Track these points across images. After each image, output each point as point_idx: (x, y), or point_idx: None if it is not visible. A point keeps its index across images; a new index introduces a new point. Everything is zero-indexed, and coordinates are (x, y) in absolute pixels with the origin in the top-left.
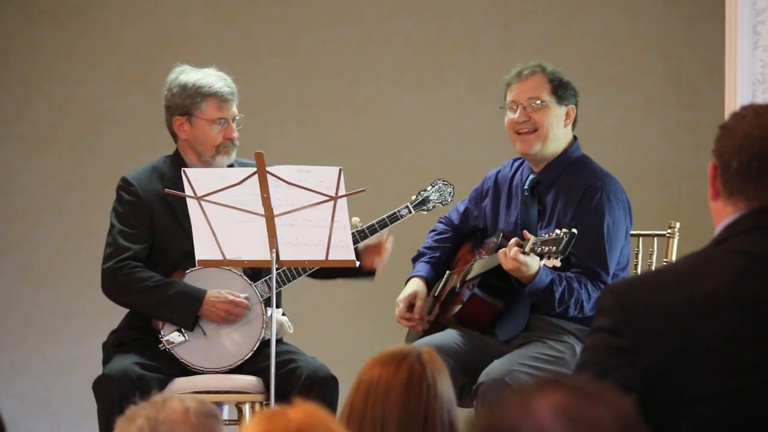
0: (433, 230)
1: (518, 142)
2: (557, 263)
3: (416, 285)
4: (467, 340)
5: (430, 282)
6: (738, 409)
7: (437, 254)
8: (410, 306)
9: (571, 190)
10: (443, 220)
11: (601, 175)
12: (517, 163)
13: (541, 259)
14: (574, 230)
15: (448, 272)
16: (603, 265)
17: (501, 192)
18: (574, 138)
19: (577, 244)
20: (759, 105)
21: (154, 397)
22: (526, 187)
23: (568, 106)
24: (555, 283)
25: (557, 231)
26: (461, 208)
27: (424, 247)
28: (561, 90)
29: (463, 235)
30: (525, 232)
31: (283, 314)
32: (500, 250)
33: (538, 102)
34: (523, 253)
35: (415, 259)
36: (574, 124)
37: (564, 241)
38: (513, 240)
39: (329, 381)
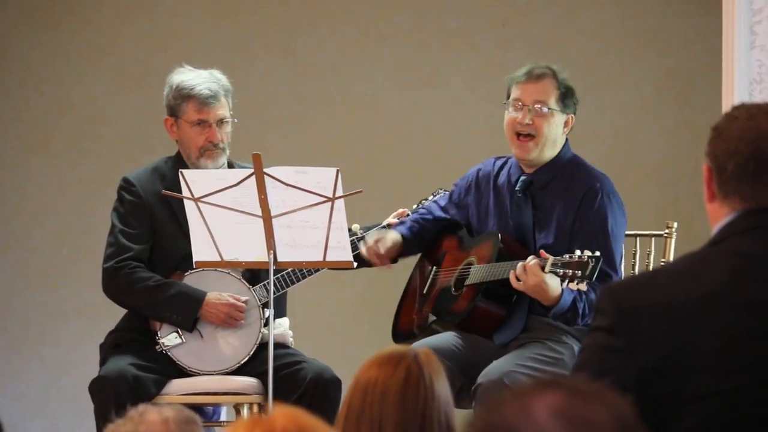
0: (414, 212)
1: (515, 146)
2: (583, 287)
3: (391, 232)
4: (464, 342)
5: (406, 237)
6: (735, 409)
7: (417, 225)
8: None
9: (568, 193)
10: (425, 207)
11: (597, 175)
12: (500, 162)
13: (562, 281)
14: (598, 253)
15: (435, 268)
16: (613, 267)
17: (485, 191)
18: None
19: (586, 250)
20: (750, 105)
21: (130, 412)
22: (517, 188)
23: (569, 115)
24: (577, 300)
25: (578, 253)
26: (442, 203)
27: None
28: (567, 98)
29: (442, 225)
30: (542, 251)
31: (290, 327)
32: (511, 272)
33: (545, 109)
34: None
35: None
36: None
37: (590, 266)
38: (531, 257)
39: (333, 382)
